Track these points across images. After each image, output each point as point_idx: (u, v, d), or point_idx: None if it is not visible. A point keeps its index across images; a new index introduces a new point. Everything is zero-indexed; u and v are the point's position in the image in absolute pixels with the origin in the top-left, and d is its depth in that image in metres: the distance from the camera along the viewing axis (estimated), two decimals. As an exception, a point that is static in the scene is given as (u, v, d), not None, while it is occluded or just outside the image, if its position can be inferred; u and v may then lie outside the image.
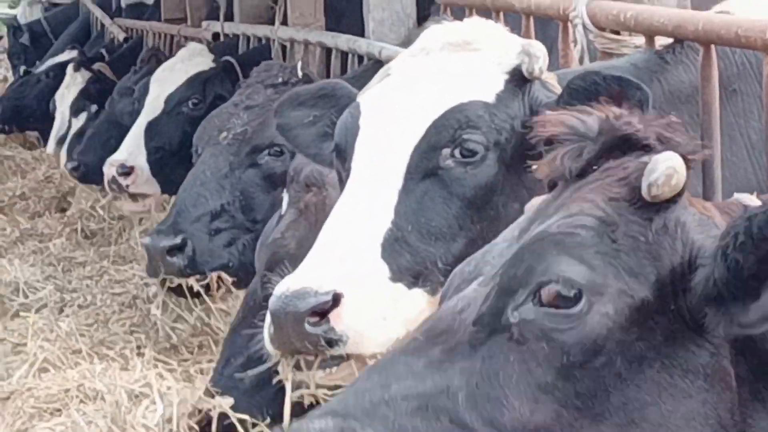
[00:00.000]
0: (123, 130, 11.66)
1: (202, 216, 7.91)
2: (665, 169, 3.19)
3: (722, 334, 3.20)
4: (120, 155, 11.06)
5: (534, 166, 3.59)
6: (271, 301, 4.92)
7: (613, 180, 3.31)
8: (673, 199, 3.25)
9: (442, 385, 3.19)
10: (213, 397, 6.82)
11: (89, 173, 12.65)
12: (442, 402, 3.18)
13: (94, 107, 13.92)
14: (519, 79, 5.25)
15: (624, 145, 3.36)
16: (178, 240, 7.86)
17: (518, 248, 3.32)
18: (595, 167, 3.37)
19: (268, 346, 5.04)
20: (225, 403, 6.67)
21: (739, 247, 3.07)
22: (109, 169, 11.09)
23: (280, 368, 5.10)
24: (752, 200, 3.44)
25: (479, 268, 3.49)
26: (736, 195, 3.53)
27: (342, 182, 5.35)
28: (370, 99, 5.39)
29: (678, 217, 3.27)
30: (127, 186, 11.07)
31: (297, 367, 5.01)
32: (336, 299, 4.72)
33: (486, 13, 6.56)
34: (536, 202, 3.70)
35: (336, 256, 4.95)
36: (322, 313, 4.70)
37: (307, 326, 4.68)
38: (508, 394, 3.16)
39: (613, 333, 3.15)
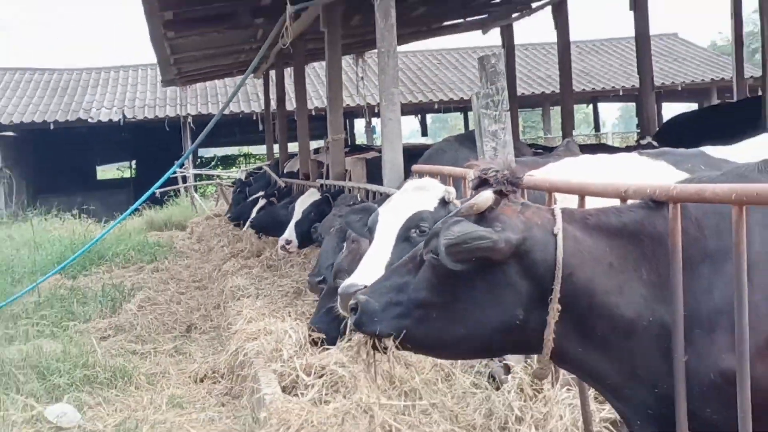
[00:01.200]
0: (283, 224, 12.23)
1: (330, 266, 7.67)
2: (467, 206, 3.24)
3: None
4: (285, 235, 11.46)
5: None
6: (339, 289, 5.26)
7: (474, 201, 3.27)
8: (484, 213, 3.23)
9: (408, 280, 3.30)
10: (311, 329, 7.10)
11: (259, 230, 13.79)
12: (405, 287, 3.29)
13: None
14: (443, 202, 5.46)
15: (487, 181, 3.30)
16: (322, 277, 7.94)
17: (431, 230, 3.33)
18: (479, 190, 3.33)
19: (340, 308, 5.37)
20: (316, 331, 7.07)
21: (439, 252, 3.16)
22: (280, 241, 11.55)
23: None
24: (557, 209, 3.33)
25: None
26: (554, 206, 3.39)
27: (370, 243, 5.57)
28: (383, 209, 5.63)
29: (486, 218, 3.21)
30: (288, 249, 11.55)
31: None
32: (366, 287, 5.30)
33: (432, 175, 6.51)
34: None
35: (366, 271, 5.15)
36: None
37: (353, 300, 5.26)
38: (423, 285, 3.25)
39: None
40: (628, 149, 8.97)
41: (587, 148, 10.46)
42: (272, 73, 21.33)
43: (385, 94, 8.67)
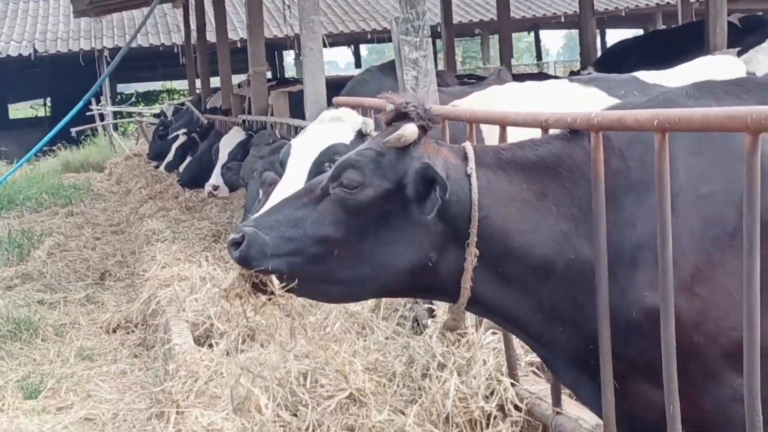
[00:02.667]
0: (208, 166, 12.09)
1: (254, 209, 8.02)
2: (395, 136, 3.14)
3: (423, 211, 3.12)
4: (212, 180, 11.20)
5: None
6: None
7: (390, 132, 3.21)
8: (407, 147, 3.16)
9: (304, 214, 3.20)
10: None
11: (189, 185, 13.05)
12: (301, 222, 3.17)
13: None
14: (360, 135, 5.38)
15: (405, 115, 3.21)
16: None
17: (339, 161, 3.30)
18: (395, 124, 3.25)
19: None
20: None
21: (413, 181, 3.10)
22: (207, 186, 11.28)
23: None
24: (469, 147, 3.29)
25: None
26: (467, 144, 3.34)
27: (280, 178, 5.52)
28: (295, 141, 5.58)
29: (410, 153, 3.15)
30: (215, 194, 11.38)
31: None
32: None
33: (354, 108, 6.20)
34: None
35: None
36: None
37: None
38: (327, 220, 3.16)
39: (373, 200, 3.13)
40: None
41: (524, 78, 10.30)
42: (192, 2, 20.80)
43: (305, 21, 8.41)
